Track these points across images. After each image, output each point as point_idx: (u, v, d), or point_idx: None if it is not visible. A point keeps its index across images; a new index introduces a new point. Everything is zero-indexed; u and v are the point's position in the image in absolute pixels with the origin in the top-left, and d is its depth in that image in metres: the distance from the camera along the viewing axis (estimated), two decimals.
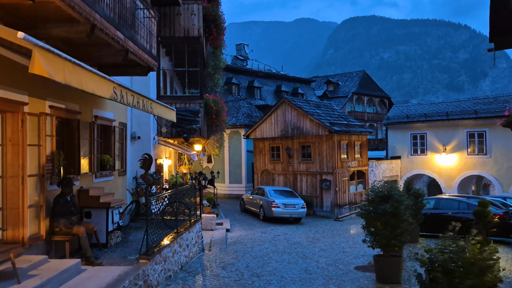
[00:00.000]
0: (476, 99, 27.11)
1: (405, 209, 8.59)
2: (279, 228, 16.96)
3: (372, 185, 9.45)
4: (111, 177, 9.83)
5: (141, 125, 11.60)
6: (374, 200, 8.58)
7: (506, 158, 23.93)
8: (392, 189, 8.84)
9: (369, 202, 8.75)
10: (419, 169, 27.28)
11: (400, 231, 8.29)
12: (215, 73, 17.21)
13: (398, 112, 28.96)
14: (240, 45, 43.77)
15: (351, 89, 44.41)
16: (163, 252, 7.75)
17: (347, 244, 13.43)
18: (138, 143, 11.58)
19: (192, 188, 10.93)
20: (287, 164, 23.57)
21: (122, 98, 5.98)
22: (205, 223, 15.22)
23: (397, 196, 8.57)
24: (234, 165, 27.55)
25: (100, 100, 9.32)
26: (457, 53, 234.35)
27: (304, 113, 22.53)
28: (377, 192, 8.61)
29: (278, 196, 19.20)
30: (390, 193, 8.60)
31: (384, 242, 8.33)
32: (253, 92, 36.52)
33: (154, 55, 9.12)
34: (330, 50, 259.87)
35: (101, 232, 7.94)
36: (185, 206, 10.20)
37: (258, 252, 11.75)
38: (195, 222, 10.79)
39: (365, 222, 8.92)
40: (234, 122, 27.40)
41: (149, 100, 7.36)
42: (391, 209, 8.25)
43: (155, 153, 12.54)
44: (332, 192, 21.76)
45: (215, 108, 13.72)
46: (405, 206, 8.60)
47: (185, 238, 9.46)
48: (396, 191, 8.86)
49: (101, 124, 9.31)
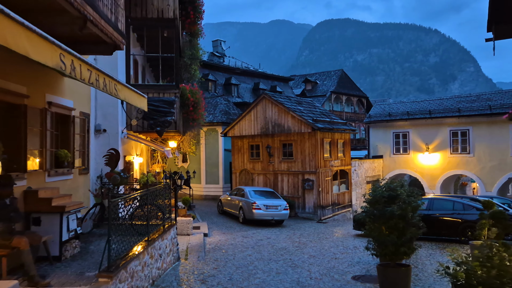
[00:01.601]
0: (458, 97, 26.69)
1: (413, 210, 7.47)
2: (261, 231, 15.70)
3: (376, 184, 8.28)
4: (69, 176, 8.33)
5: (107, 117, 10.09)
6: (379, 201, 7.42)
7: (489, 157, 23.52)
8: (398, 187, 7.71)
9: (372, 203, 7.58)
10: (402, 168, 26.61)
11: (410, 236, 7.16)
12: (191, 64, 15.80)
13: (380, 110, 28.25)
14: (216, 41, 42.37)
15: (330, 88, 43.69)
16: (130, 266, 6.34)
17: (337, 249, 12.29)
18: (103, 137, 10.07)
19: (166, 188, 9.53)
20: (267, 163, 22.35)
21: (73, 70, 4.57)
22: (180, 227, 13.79)
23: (405, 196, 7.45)
24: (210, 165, 26.10)
25: (56, 83, 7.81)
26: (427, 56, 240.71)
27: (286, 109, 21.37)
28: (383, 192, 7.45)
29: (259, 197, 17.95)
30: (396, 192, 7.46)
31: (391, 249, 7.18)
32: (230, 89, 35.20)
33: (121, 30, 7.69)
34: (305, 51, 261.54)
35: (54, 243, 6.46)
36: (158, 208, 8.80)
37: (241, 260, 10.44)
38: (169, 227, 9.38)
39: (367, 227, 7.75)
40: (211, 119, 25.96)
41: (113, 80, 5.95)
42: (399, 211, 7.11)
43: (124, 149, 11.04)
44: (315, 193, 20.68)
45: (192, 99, 12.34)
46: (414, 208, 7.48)
47: (157, 246, 8.05)
48: (403, 190, 7.74)
49: (56, 113, 7.79)
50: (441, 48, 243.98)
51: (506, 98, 23.86)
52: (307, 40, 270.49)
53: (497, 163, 23.21)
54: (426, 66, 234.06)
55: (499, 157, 23.16)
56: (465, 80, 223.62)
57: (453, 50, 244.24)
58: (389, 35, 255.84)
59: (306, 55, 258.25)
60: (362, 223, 14.68)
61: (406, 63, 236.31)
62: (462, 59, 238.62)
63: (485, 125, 23.75)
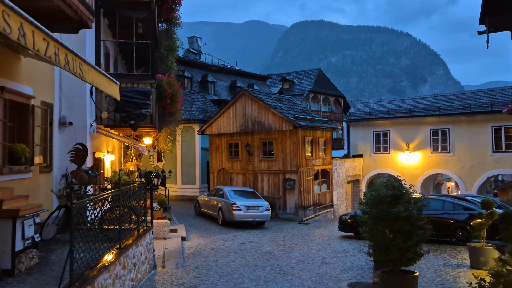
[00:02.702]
0: (438, 96, 26.59)
1: (419, 211, 6.75)
2: (242, 234, 14.80)
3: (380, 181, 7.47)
4: (27, 174, 7.19)
5: (74, 108, 8.95)
6: (382, 201, 6.65)
7: (469, 156, 23.44)
8: (401, 186, 6.98)
9: (375, 203, 6.80)
10: (382, 168, 26.26)
11: (417, 240, 6.43)
12: (168, 55, 14.76)
13: (360, 108, 27.85)
14: (192, 38, 41.23)
15: (307, 87, 43.22)
16: (98, 280, 5.33)
17: (326, 252, 11.54)
18: (69, 131, 8.92)
19: (141, 188, 8.50)
20: (246, 162, 21.45)
21: (23, 37, 3.58)
22: (156, 230, 12.73)
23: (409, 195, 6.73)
24: (187, 164, 24.97)
25: (10, 65, 6.68)
26: (399, 59, 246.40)
27: (266, 106, 20.54)
28: (387, 191, 6.69)
29: (239, 197, 17.04)
30: (401, 191, 6.72)
31: (395, 255, 6.42)
32: (207, 86, 34.13)
33: (89, 4, 6.64)
34: (279, 52, 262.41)
35: (5, 254, 5.36)
36: (132, 211, 7.78)
37: (224, 267, 9.51)
38: (145, 232, 8.37)
39: (367, 230, 6.97)
40: (187, 116, 24.84)
41: (77, 57, 4.95)
42: (406, 212, 6.37)
43: (93, 144, 9.91)
44: (296, 193, 19.94)
45: (170, 91, 11.32)
46: (419, 208, 6.76)
47: (131, 255, 7.04)
48: (405, 188, 7.03)
49: (11, 100, 6.66)
50: (412, 51, 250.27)
51: (485, 97, 23.85)
52: (282, 41, 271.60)
53: (477, 162, 23.15)
54: (398, 69, 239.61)
55: (479, 156, 23.10)
56: (435, 82, 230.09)
57: (424, 53, 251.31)
58: (362, 37, 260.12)
59: (280, 56, 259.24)
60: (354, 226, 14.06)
61: (378, 65, 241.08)
62: (432, 62, 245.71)
63: (465, 124, 23.68)
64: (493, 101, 23.01)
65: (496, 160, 22.64)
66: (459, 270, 9.21)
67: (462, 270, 9.26)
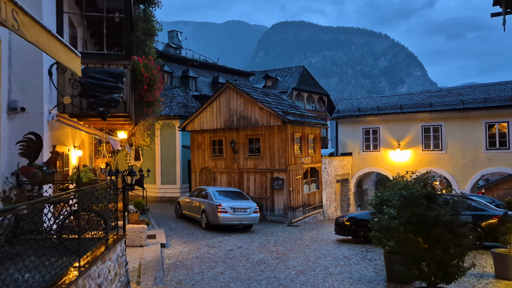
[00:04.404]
0: (429, 92, 25.73)
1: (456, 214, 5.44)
2: (228, 239, 13.32)
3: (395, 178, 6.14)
4: None
5: (27, 91, 7.30)
6: (415, 203, 5.30)
7: (462, 154, 22.59)
8: (430, 184, 5.67)
9: (405, 206, 5.43)
10: (372, 166, 25.20)
11: (461, 250, 5.11)
12: (146, 40, 13.16)
13: (349, 105, 26.73)
14: (172, 32, 39.49)
15: (291, 85, 41.96)
16: None
17: (326, 260, 10.18)
18: (21, 119, 7.26)
19: (111, 188, 6.94)
20: (231, 160, 19.97)
21: None
22: (131, 237, 11.14)
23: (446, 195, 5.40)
24: (167, 163, 23.28)
25: None
26: (378, 60, 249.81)
27: (253, 100, 19.10)
28: (421, 190, 5.33)
29: (225, 198, 15.56)
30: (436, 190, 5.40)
31: (432, 269, 5.08)
32: (188, 82, 32.47)
33: None
34: (260, 53, 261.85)
35: None
36: (98, 216, 6.23)
37: (212, 281, 8.02)
38: (115, 242, 6.80)
39: (395, 239, 5.62)
40: (167, 112, 23.18)
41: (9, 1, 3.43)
42: (447, 216, 5.04)
43: (54, 136, 8.26)
44: (285, 193, 18.57)
45: (147, 75, 9.75)
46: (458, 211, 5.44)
47: (95, 274, 5.48)
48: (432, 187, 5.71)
49: None
50: (391, 53, 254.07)
51: (478, 93, 23.05)
52: (262, 41, 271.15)
53: (470, 159, 22.32)
54: (377, 70, 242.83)
55: (472, 154, 22.28)
56: (413, 83, 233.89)
57: (402, 55, 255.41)
58: (342, 38, 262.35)
59: (261, 56, 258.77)
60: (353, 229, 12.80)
61: (358, 66, 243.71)
62: (409, 64, 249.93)
63: (458, 120, 22.83)
64: (486, 97, 22.22)
65: (490, 158, 21.85)
66: (485, 282, 7.95)
67: (487, 281, 8.01)
